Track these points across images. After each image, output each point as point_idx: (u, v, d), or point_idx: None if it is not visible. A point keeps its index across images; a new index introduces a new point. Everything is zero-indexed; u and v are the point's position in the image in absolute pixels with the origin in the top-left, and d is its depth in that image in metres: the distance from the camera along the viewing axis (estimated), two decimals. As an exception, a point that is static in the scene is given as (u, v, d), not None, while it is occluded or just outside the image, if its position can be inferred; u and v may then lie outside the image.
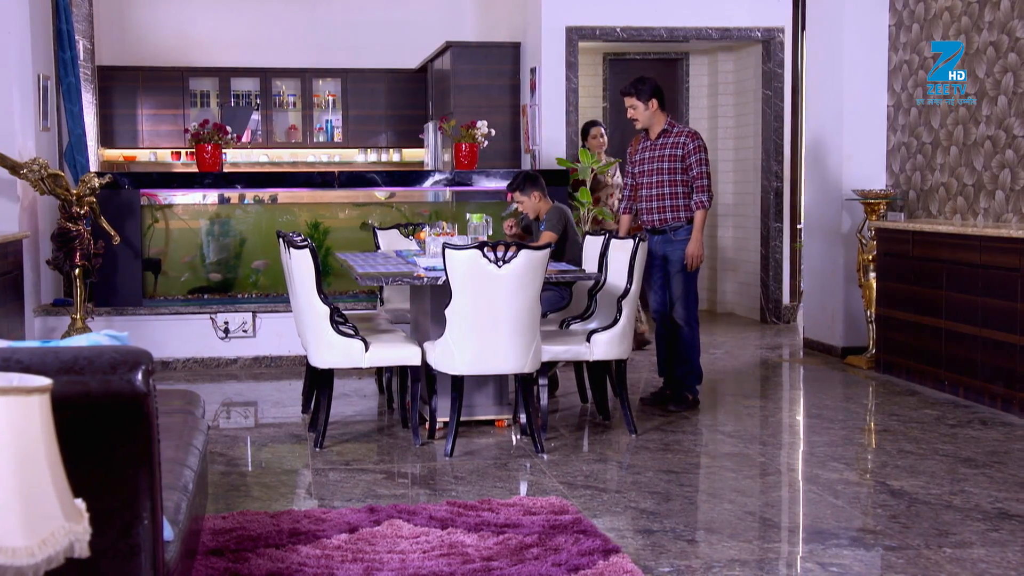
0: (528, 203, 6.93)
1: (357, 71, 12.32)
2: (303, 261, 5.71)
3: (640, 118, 6.67)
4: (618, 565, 3.95)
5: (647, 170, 6.73)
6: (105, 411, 2.57)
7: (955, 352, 6.89)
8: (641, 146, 6.87)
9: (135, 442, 2.63)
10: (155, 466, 2.68)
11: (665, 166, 6.63)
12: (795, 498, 5.03)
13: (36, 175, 7.04)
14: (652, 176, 6.68)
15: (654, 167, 6.68)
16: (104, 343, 2.70)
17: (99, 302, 8.01)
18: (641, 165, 6.79)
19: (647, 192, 6.71)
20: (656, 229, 6.68)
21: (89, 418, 2.58)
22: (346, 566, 3.94)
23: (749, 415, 6.58)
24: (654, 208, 6.68)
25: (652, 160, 6.70)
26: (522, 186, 6.92)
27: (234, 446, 5.92)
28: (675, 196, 6.63)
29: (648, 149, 6.76)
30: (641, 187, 6.78)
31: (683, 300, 6.64)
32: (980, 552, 4.15)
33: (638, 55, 11.10)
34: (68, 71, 8.83)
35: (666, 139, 6.68)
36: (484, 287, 5.44)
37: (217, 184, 8.66)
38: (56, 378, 2.52)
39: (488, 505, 4.67)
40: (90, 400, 2.55)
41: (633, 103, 6.67)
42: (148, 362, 2.58)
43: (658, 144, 6.69)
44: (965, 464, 5.41)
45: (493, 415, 6.21)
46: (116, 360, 2.55)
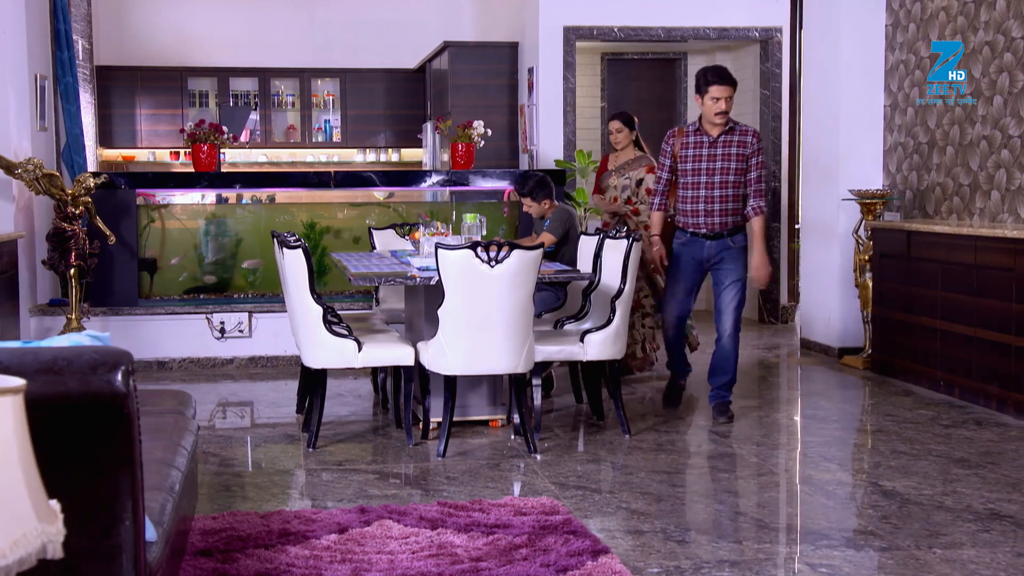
0: (536, 208, 6.91)
1: (356, 71, 12.31)
2: (296, 261, 5.71)
3: (729, 110, 6.21)
4: (607, 566, 3.94)
5: (707, 169, 6.23)
6: (85, 412, 2.57)
7: (951, 352, 6.88)
8: (693, 141, 6.30)
9: (116, 443, 2.63)
10: (136, 467, 2.68)
11: (732, 166, 6.20)
12: (787, 499, 5.02)
13: (31, 175, 7.04)
14: (715, 176, 6.22)
15: (717, 166, 6.21)
16: (85, 343, 2.70)
17: (95, 302, 8.01)
18: (697, 163, 6.26)
19: (705, 193, 6.23)
20: (713, 234, 6.26)
21: (69, 419, 2.57)
22: (334, 567, 3.94)
23: (744, 415, 6.57)
24: (715, 211, 6.23)
25: (715, 159, 6.22)
26: (534, 192, 6.88)
27: (227, 446, 5.91)
28: (738, 199, 6.24)
29: (707, 146, 6.24)
30: (694, 187, 6.27)
31: (736, 310, 6.33)
32: (970, 553, 4.14)
33: (636, 55, 11.09)
34: (66, 71, 8.83)
35: (731, 137, 6.22)
36: (477, 287, 5.43)
37: (213, 184, 8.66)
38: (35, 378, 2.53)
39: (479, 506, 4.66)
40: (70, 401, 2.54)
41: (729, 93, 6.20)
42: (128, 363, 2.58)
43: (721, 142, 6.22)
44: (958, 465, 5.40)
45: (487, 415, 6.21)
46: (96, 361, 2.54)
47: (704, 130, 6.26)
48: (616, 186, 7.70)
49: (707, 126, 6.25)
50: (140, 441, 2.69)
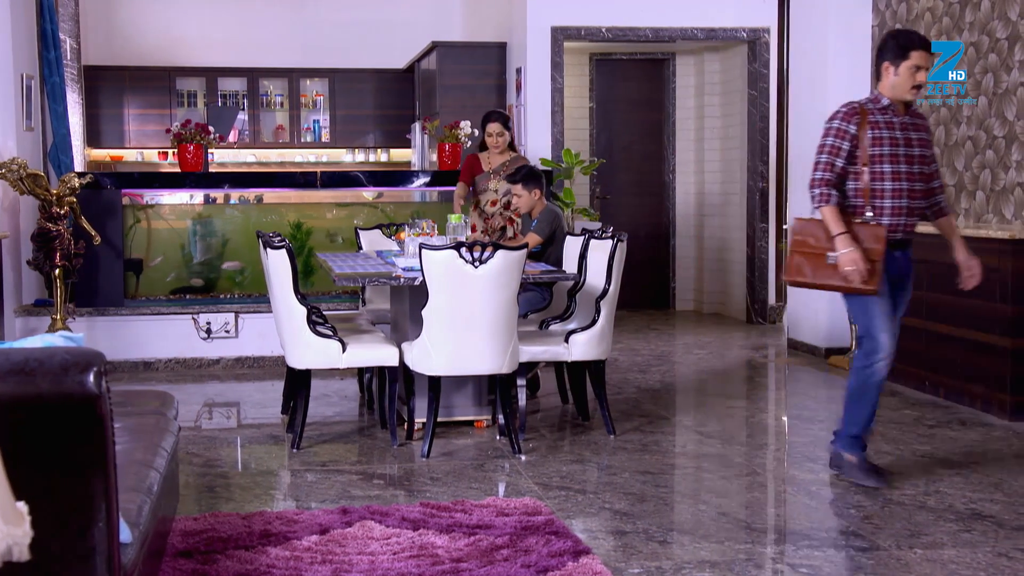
0: (526, 198, 6.86)
1: (344, 71, 12.30)
2: (280, 261, 5.70)
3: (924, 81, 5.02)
4: (588, 566, 3.94)
5: (905, 156, 4.96)
6: (57, 413, 2.56)
7: (936, 353, 6.89)
8: (883, 120, 4.98)
9: (89, 444, 2.62)
10: (110, 468, 2.67)
11: (927, 153, 5.05)
12: (769, 499, 5.03)
13: (15, 175, 7.02)
14: (913, 165, 4.97)
15: (915, 153, 4.98)
16: (58, 344, 2.69)
17: (81, 302, 7.99)
18: (894, 147, 4.95)
19: (907, 186, 4.96)
20: (904, 240, 5.10)
21: (41, 420, 2.57)
22: (315, 568, 3.93)
23: (730, 415, 6.57)
24: (914, 209, 5.04)
25: (911, 143, 4.99)
26: (525, 180, 6.85)
27: (212, 447, 5.90)
28: (926, 194, 5.10)
29: (900, 128, 4.98)
30: (894, 178, 4.95)
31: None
32: (951, 553, 4.15)
33: (624, 55, 11.09)
34: (52, 71, 8.81)
35: (915, 119, 5.06)
36: (461, 287, 5.43)
37: (200, 184, 8.65)
38: (7, 380, 2.52)
39: (461, 506, 4.66)
40: (42, 402, 2.53)
41: (931, 63, 5.23)
42: (100, 364, 2.57)
43: (910, 123, 5.01)
44: (941, 465, 5.41)
45: (472, 416, 6.20)
46: (67, 362, 2.53)
47: (895, 108, 4.99)
48: (496, 189, 7.52)
49: (898, 103, 4.99)
50: (114, 442, 2.68)
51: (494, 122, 7.52)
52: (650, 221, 11.25)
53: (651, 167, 11.24)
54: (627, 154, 11.20)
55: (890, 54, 4.98)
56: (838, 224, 4.90)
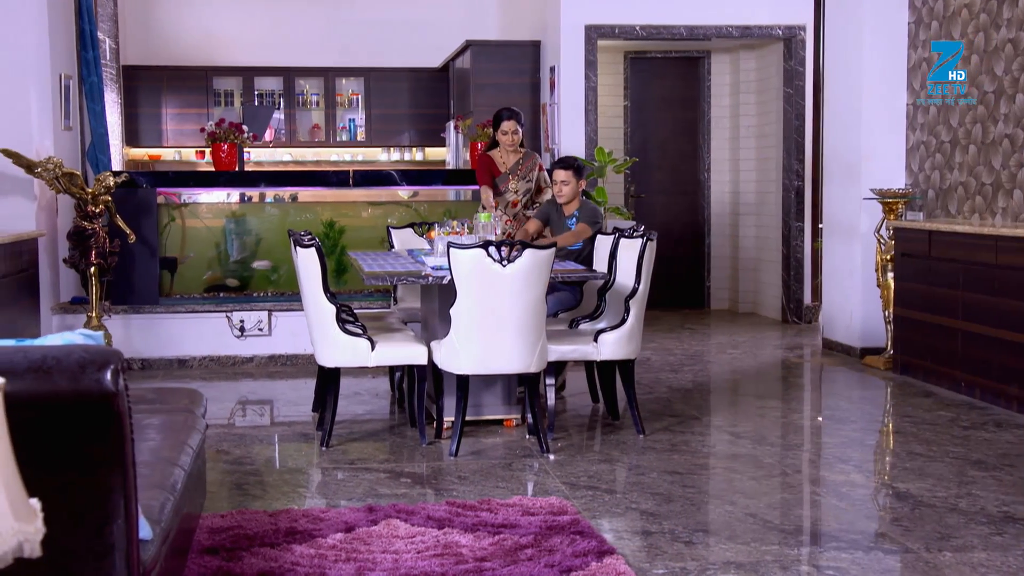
0: (572, 185, 6.80)
1: (380, 70, 12.34)
2: (309, 260, 5.72)
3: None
4: (611, 567, 3.92)
5: None
6: (75, 411, 2.58)
7: (971, 353, 6.81)
8: None
9: (106, 442, 2.63)
10: (128, 465, 2.68)
11: None
12: (798, 500, 4.98)
13: (51, 174, 7.09)
14: None
15: None
16: (77, 343, 2.71)
17: (116, 300, 8.07)
18: None
19: None
20: None
21: (59, 418, 2.58)
22: (339, 566, 3.94)
23: (761, 415, 6.53)
24: None
25: None
26: (578, 169, 6.81)
27: (242, 444, 5.93)
28: None
29: None
30: None
31: None
32: (981, 556, 4.09)
33: (659, 53, 11.04)
34: (91, 71, 8.90)
35: None
36: (488, 286, 5.42)
37: (233, 183, 8.70)
38: (24, 377, 2.54)
39: (487, 505, 4.65)
40: (59, 400, 2.55)
41: None
42: (118, 362, 2.58)
43: None
44: (975, 467, 5.34)
45: (501, 415, 6.19)
46: (84, 360, 2.55)
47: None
48: (516, 189, 7.41)
49: None
50: (133, 440, 2.69)
51: (509, 119, 7.33)
52: (685, 220, 11.20)
53: (686, 166, 11.19)
54: (662, 153, 11.16)
55: None
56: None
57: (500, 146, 7.43)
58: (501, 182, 7.43)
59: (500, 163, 7.46)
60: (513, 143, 7.36)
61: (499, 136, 7.38)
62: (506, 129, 7.32)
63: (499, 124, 7.37)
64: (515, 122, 7.32)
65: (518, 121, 7.35)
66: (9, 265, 6.68)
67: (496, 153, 7.48)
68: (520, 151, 7.45)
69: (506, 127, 7.32)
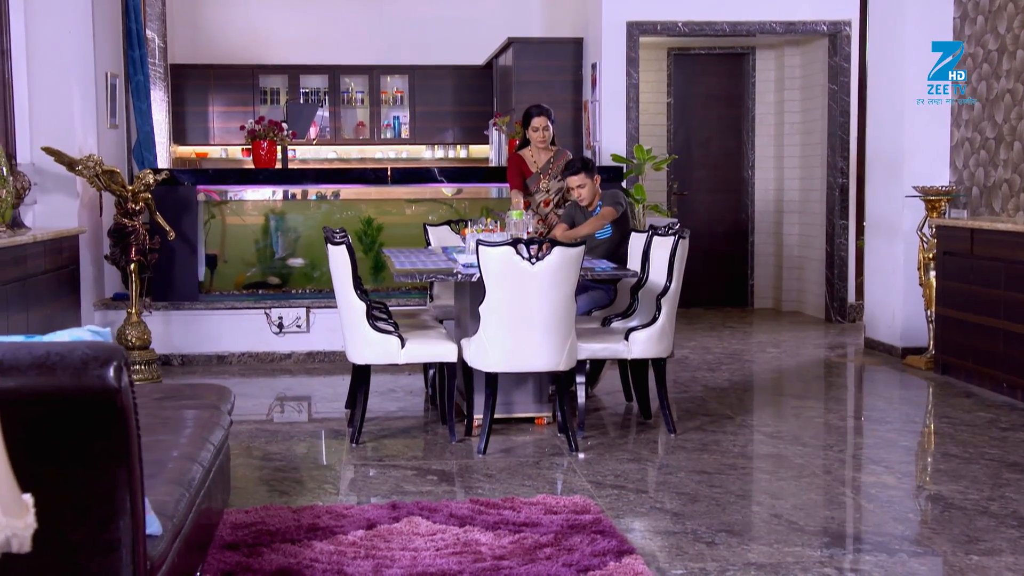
0: (589, 187, 6.78)
1: (424, 68, 12.37)
2: (340, 257, 5.74)
3: None
4: (629, 567, 3.90)
5: None
6: (78, 406, 2.60)
7: (1013, 354, 6.69)
8: None
9: (110, 438, 2.66)
10: (134, 461, 2.70)
11: None
12: (826, 502, 4.91)
13: (90, 171, 7.18)
14: None
15: None
16: (83, 339, 2.74)
17: (157, 296, 8.16)
18: None
19: None
20: None
21: (63, 413, 2.61)
22: (357, 562, 3.95)
23: (795, 415, 6.46)
24: None
25: None
26: (587, 169, 6.78)
27: (273, 440, 5.97)
28: None
29: None
30: None
31: None
32: (1008, 560, 4.02)
33: (703, 50, 10.97)
34: (137, 69, 9.01)
35: None
36: (517, 284, 5.41)
37: (272, 180, 8.76)
38: (28, 373, 2.57)
39: (510, 504, 4.64)
40: (63, 395, 2.58)
41: None
42: (120, 358, 2.60)
43: None
44: (1010, 469, 5.25)
45: (532, 413, 6.18)
46: (87, 356, 2.57)
47: None
48: (547, 188, 7.35)
49: None
50: (139, 436, 2.71)
51: (539, 116, 7.27)
52: (728, 218, 11.12)
53: (729, 163, 11.10)
54: (705, 150, 11.08)
55: None
56: None
57: (531, 144, 7.39)
58: (532, 182, 7.38)
59: (531, 162, 7.40)
60: (544, 140, 7.30)
61: (530, 133, 7.34)
62: (536, 125, 7.27)
63: (529, 121, 7.32)
64: (545, 118, 7.27)
65: (548, 117, 7.29)
66: (50, 261, 6.78)
67: (527, 152, 7.43)
68: (552, 149, 7.39)
69: (536, 123, 7.27)
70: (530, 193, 7.38)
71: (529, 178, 7.38)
